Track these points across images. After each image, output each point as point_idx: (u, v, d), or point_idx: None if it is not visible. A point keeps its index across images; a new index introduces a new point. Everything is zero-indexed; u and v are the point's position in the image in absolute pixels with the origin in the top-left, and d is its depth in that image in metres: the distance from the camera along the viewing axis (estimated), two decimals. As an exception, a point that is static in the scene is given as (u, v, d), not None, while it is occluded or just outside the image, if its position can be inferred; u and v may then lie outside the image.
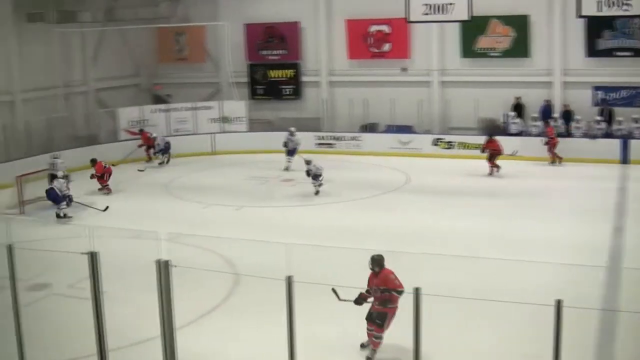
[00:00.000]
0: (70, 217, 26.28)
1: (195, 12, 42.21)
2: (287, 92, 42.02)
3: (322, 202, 27.74)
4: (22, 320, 11.84)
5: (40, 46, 37.08)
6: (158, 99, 43.64)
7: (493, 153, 31.74)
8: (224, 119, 40.02)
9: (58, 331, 15.77)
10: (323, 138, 38.84)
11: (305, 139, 37.96)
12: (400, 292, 13.10)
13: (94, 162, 30.66)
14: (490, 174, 31.44)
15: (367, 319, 13.91)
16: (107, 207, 26.96)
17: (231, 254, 20.21)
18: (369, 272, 14.12)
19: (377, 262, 13.95)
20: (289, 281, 10.06)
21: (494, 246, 20.96)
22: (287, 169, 33.41)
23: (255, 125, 40.76)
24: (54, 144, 34.48)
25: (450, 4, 30.46)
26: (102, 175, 30.40)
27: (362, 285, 14.12)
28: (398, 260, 16.61)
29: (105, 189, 30.37)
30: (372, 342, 13.91)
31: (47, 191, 26.69)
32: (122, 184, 31.29)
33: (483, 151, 32.07)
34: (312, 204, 27.34)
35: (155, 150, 36.38)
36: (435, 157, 35.53)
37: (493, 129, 34.95)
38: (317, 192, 28.71)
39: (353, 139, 38.18)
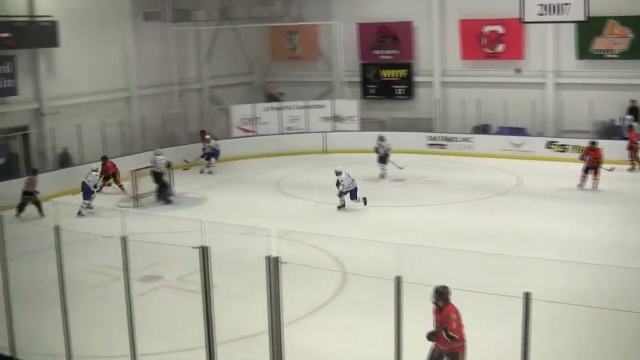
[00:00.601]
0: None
1: (309, 11, 42.46)
2: (399, 92, 41.89)
3: (431, 203, 27.55)
4: (134, 311, 12.04)
5: (157, 44, 37.89)
6: (271, 97, 44.03)
7: (592, 163, 29.18)
8: (336, 118, 40.12)
9: (168, 322, 16.03)
10: (435, 139, 38.61)
11: (417, 140, 37.94)
12: (451, 338, 11.91)
13: (104, 159, 31.17)
14: (581, 185, 29.18)
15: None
16: None
17: (340, 252, 20.24)
18: (475, 275, 13.94)
19: (441, 295, 12.23)
20: (398, 282, 10.00)
21: (604, 253, 20.52)
22: (382, 176, 32.50)
23: (367, 124, 40.76)
24: (167, 139, 35.17)
25: (566, 4, 29.98)
26: (109, 176, 31.06)
27: (469, 288, 13.96)
28: (509, 263, 16.49)
29: (120, 187, 31.00)
30: None
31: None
32: (233, 181, 31.63)
33: (582, 158, 29.77)
34: (421, 205, 27.17)
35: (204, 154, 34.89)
36: (548, 160, 34.94)
37: (607, 133, 34.35)
38: (341, 206, 27.03)
39: (465, 140, 37.86)
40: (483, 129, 38.34)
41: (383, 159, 32.65)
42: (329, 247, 20.52)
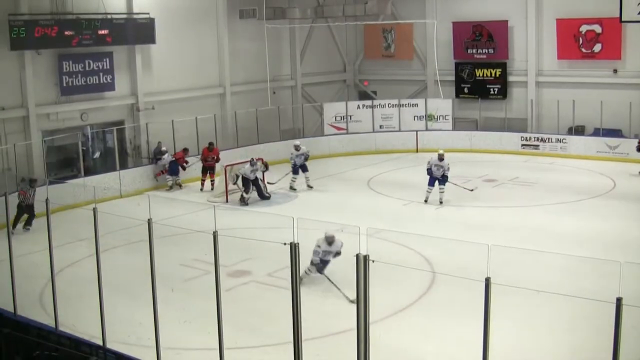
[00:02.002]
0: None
1: (403, 9, 42.38)
2: (493, 92, 41.50)
3: (523, 204, 27.24)
4: (222, 305, 12.14)
5: (251, 41, 38.24)
6: (363, 95, 44.04)
7: None
8: (429, 117, 39.95)
9: (255, 317, 16.14)
10: (528, 139, 38.17)
11: (510, 140, 37.63)
12: None
13: (211, 145, 31.54)
14: None
15: None
16: None
17: (430, 251, 20.16)
18: (568, 278, 13.65)
19: None
20: (487, 283, 9.92)
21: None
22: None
23: (460, 123, 40.52)
24: (260, 135, 35.50)
25: (667, 2, 29.42)
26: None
27: (561, 291, 13.74)
28: (603, 268, 16.20)
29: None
30: None
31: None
32: (324, 179, 31.69)
33: None
34: (512, 206, 26.87)
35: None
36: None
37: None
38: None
39: (559, 141, 37.33)
40: (578, 130, 37.74)
41: (297, 170, 30.38)
42: (418, 247, 20.45)
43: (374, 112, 39.96)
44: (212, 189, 30.43)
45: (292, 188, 30.06)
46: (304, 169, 30.20)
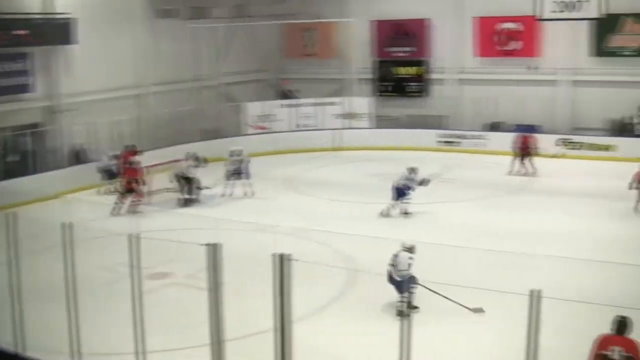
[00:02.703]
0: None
1: (324, 8, 42.44)
2: (414, 89, 41.86)
3: (443, 201, 27.48)
4: (144, 308, 12.06)
5: (171, 41, 37.92)
6: (284, 94, 44.07)
7: None
8: (349, 115, 40.08)
9: (176, 320, 16.06)
10: (449, 136, 38.57)
11: (430, 137, 38.00)
12: None
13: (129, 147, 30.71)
14: None
15: None
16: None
17: (351, 249, 20.24)
18: (489, 272, 13.84)
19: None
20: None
21: (621, 249, 20.47)
22: (230, 194, 29.24)
23: (380, 122, 40.75)
24: (181, 136, 35.25)
25: (581, 1, 29.95)
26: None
27: (484, 286, 13.90)
28: (523, 261, 16.45)
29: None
30: None
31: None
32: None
33: None
34: (432, 202, 27.07)
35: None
36: (561, 157, 34.86)
37: (621, 130, 34.43)
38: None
39: (478, 137, 37.79)
40: (496, 127, 38.24)
41: (239, 175, 29.57)
42: (338, 245, 20.52)
43: (295, 111, 40.00)
44: (110, 191, 29.98)
45: (224, 195, 29.41)
46: (246, 176, 29.44)
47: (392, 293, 10.08)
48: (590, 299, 13.67)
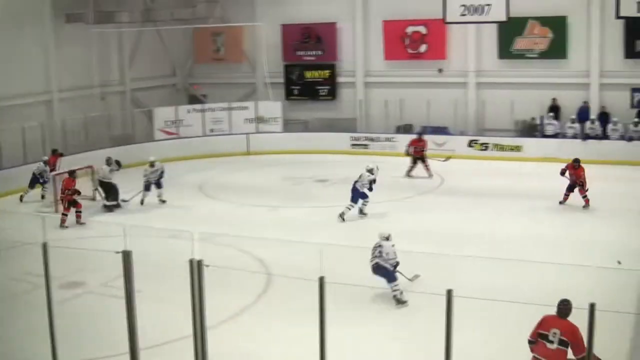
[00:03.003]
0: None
1: (233, 12, 42.32)
2: (323, 93, 41.99)
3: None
4: (56, 318, 11.89)
5: (78, 46, 37.37)
6: (194, 99, 43.86)
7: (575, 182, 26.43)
8: (259, 119, 40.06)
9: (90, 329, 15.85)
10: (358, 139, 38.78)
11: (340, 140, 38.20)
12: None
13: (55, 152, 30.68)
14: (562, 203, 26.52)
15: None
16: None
17: (264, 254, 20.24)
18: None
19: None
20: (321, 282, 10.04)
21: (530, 248, 20.80)
22: (141, 202, 28.55)
23: (291, 125, 40.83)
24: (89, 143, 34.80)
25: (488, 4, 30.36)
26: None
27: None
28: (434, 261, 16.61)
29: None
30: None
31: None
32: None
33: (563, 174, 26.71)
34: (344, 205, 27.23)
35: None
36: (470, 158, 35.37)
37: (528, 131, 35.14)
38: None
39: (388, 140, 38.07)
40: (406, 129, 38.58)
41: (149, 187, 28.67)
42: (252, 249, 20.50)
43: (205, 116, 39.79)
44: (42, 197, 29.50)
45: (142, 203, 28.62)
46: (158, 185, 28.74)
47: (311, 297, 10.09)
48: (504, 297, 13.86)
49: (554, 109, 36.27)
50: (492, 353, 14.27)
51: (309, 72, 42.15)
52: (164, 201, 28.73)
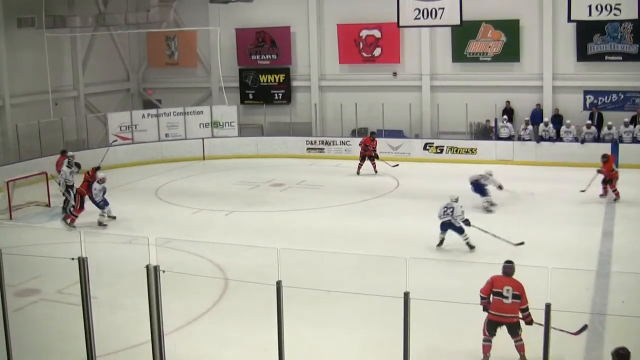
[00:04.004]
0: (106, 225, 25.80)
1: (187, 16, 42.26)
2: (278, 97, 42.01)
3: (312, 206, 27.71)
4: (11, 326, 11.79)
5: (30, 51, 37.04)
6: (148, 104, 43.68)
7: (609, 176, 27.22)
8: (215, 124, 39.96)
9: (47, 337, 15.70)
10: (313, 143, 38.81)
11: (296, 144, 38.23)
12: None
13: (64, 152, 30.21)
14: (603, 195, 27.40)
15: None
16: None
17: (221, 259, 20.18)
18: (357, 276, 13.96)
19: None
20: (279, 286, 10.06)
21: (485, 250, 20.94)
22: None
23: (246, 130, 40.78)
24: (43, 148, 34.48)
25: (441, 8, 30.60)
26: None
27: (351, 289, 14.08)
28: (389, 264, 16.62)
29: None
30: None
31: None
32: (110, 190, 31.13)
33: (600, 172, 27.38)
34: (302, 209, 27.29)
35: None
36: (425, 161, 35.55)
37: (482, 134, 35.41)
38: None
39: (343, 143, 38.14)
40: (361, 132, 38.64)
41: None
42: (209, 254, 20.43)
43: (160, 121, 39.59)
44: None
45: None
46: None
47: (268, 302, 10.12)
48: (456, 297, 14.00)
49: (508, 112, 36.56)
50: (450, 355, 14.37)
51: (264, 76, 42.16)
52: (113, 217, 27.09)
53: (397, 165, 33.09)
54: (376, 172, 33.15)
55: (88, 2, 39.97)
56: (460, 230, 21.21)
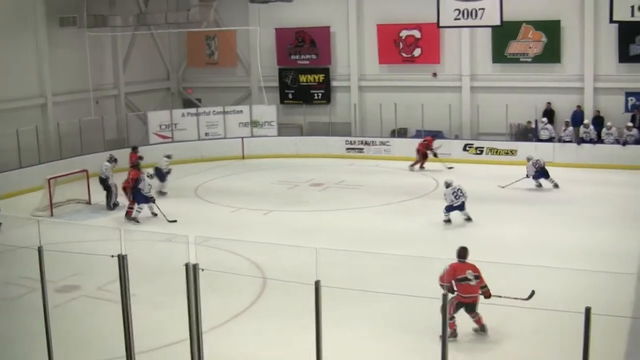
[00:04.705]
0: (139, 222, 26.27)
1: (227, 16, 42.42)
2: (317, 97, 41.99)
3: (352, 206, 27.68)
4: (51, 322, 11.88)
5: (72, 50, 37.32)
6: (188, 103, 43.85)
7: None
8: (254, 123, 40.05)
9: (86, 333, 15.81)
10: (353, 143, 38.78)
11: (335, 144, 38.20)
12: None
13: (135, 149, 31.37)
14: None
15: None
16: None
17: (259, 258, 20.21)
18: (396, 276, 13.99)
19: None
20: (317, 286, 10.04)
21: (527, 252, 20.81)
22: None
23: (285, 129, 40.83)
24: (84, 146, 34.75)
25: (482, 8, 30.41)
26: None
27: (389, 290, 14.04)
28: (428, 265, 16.58)
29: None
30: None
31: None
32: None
33: None
34: (341, 209, 27.27)
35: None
36: (464, 162, 35.35)
37: (522, 135, 35.24)
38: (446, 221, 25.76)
39: (382, 144, 38.08)
40: (400, 133, 38.59)
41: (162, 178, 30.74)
42: (248, 253, 20.46)
43: (199, 120, 39.78)
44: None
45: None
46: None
47: (306, 302, 10.13)
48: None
49: (548, 113, 36.29)
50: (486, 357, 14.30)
51: (303, 76, 42.17)
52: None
53: (452, 167, 33.12)
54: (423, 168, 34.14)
55: (129, 2, 40.22)
56: (463, 207, 24.56)
